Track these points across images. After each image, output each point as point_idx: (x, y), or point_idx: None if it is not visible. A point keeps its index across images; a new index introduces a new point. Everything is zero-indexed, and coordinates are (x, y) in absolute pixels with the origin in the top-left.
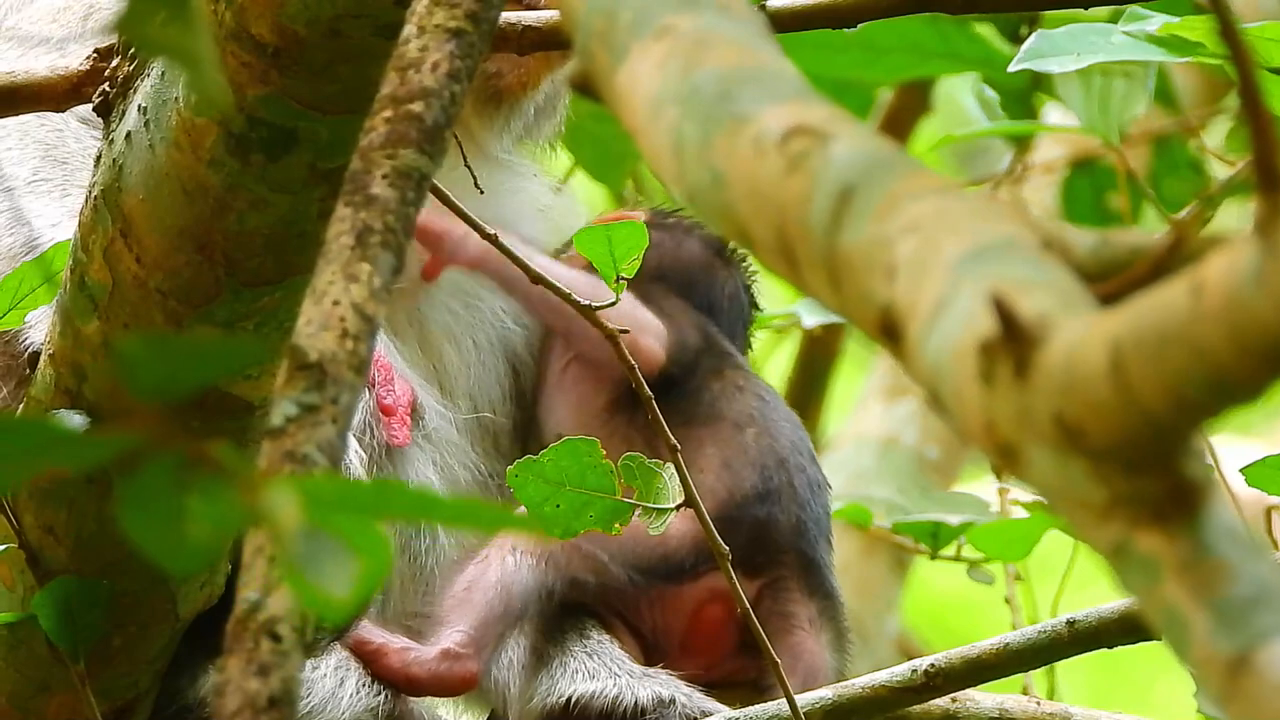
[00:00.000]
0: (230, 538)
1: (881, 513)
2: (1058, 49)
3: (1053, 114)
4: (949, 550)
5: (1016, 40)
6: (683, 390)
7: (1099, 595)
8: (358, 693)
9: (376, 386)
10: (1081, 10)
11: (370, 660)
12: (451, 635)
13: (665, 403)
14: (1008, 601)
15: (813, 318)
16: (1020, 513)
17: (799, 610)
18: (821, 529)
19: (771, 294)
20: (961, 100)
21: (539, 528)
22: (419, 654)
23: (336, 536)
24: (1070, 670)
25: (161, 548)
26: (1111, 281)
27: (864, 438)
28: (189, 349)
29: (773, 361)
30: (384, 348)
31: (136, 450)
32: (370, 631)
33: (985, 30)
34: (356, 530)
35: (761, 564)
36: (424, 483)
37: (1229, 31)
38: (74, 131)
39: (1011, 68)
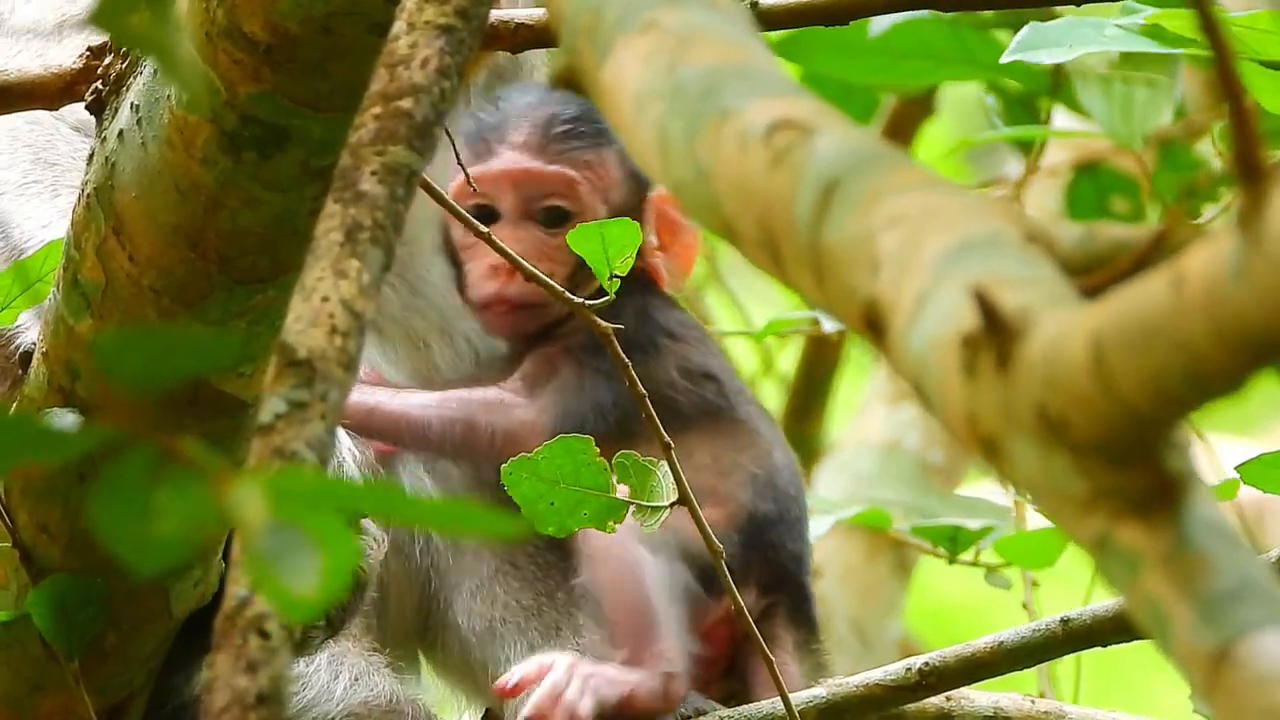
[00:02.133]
0: (200, 535)
1: (897, 516)
2: (1050, 41)
3: (1058, 118)
4: (967, 555)
5: None
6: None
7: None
8: (353, 686)
9: None
10: (1076, 6)
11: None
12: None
13: (705, 413)
14: (1025, 607)
15: (832, 321)
16: (1036, 515)
17: (784, 635)
18: (810, 562)
19: (777, 298)
20: (972, 103)
21: (512, 529)
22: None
23: (304, 533)
24: (1064, 668)
25: (129, 544)
26: (1095, 275)
27: (866, 442)
28: (169, 342)
29: (776, 366)
30: (368, 349)
31: (109, 445)
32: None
33: (1002, 36)
34: (322, 528)
35: (767, 586)
36: (415, 482)
37: (1208, 21)
38: (65, 135)
39: (1004, 59)
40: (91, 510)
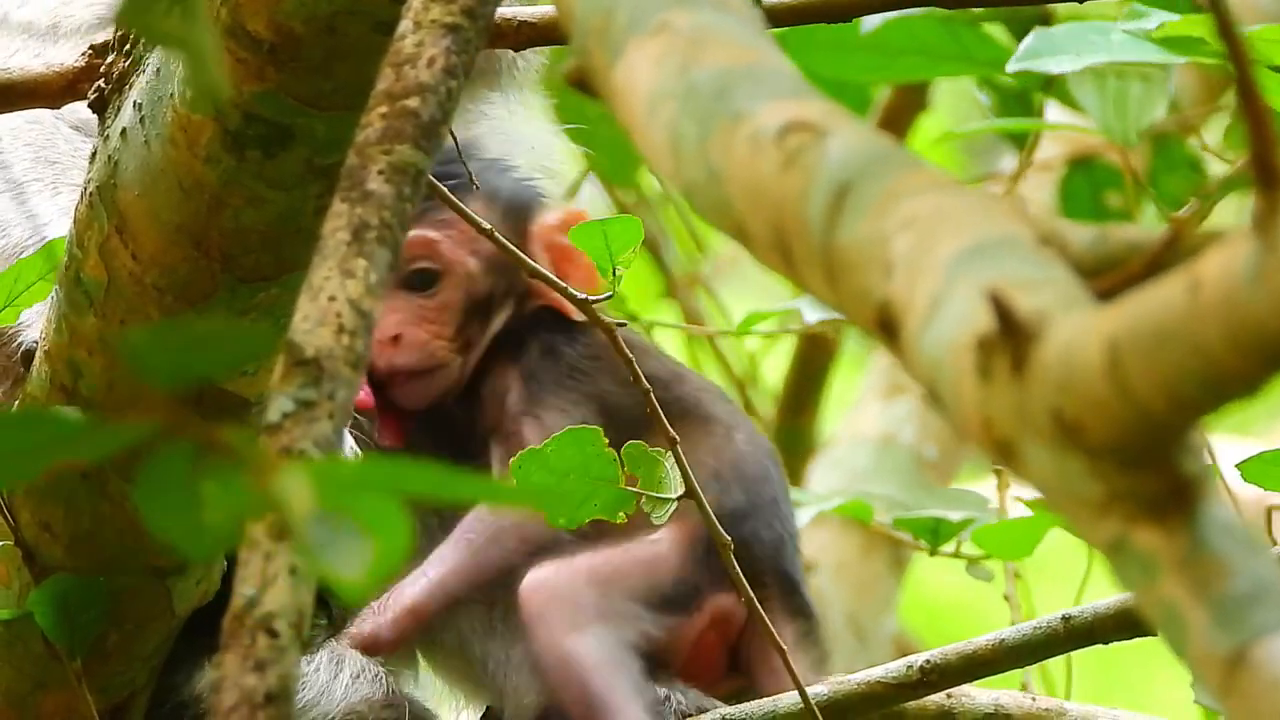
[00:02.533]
0: (247, 521)
1: (882, 509)
2: (1056, 49)
3: (1051, 112)
4: (949, 547)
5: None
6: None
7: (1096, 593)
8: (353, 684)
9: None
10: (1078, 4)
11: None
12: None
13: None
14: (1007, 599)
15: (815, 314)
16: (1019, 508)
17: (781, 629)
18: (796, 546)
19: (767, 287)
20: (966, 97)
21: (548, 505)
22: None
23: (350, 518)
24: (1060, 666)
25: (182, 534)
26: (1109, 278)
27: (861, 436)
28: (194, 338)
29: (770, 359)
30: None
31: (148, 440)
32: None
33: (996, 31)
34: (373, 510)
35: (750, 576)
36: None
37: (1225, 27)
38: (65, 135)
39: (1010, 68)
40: (138, 502)
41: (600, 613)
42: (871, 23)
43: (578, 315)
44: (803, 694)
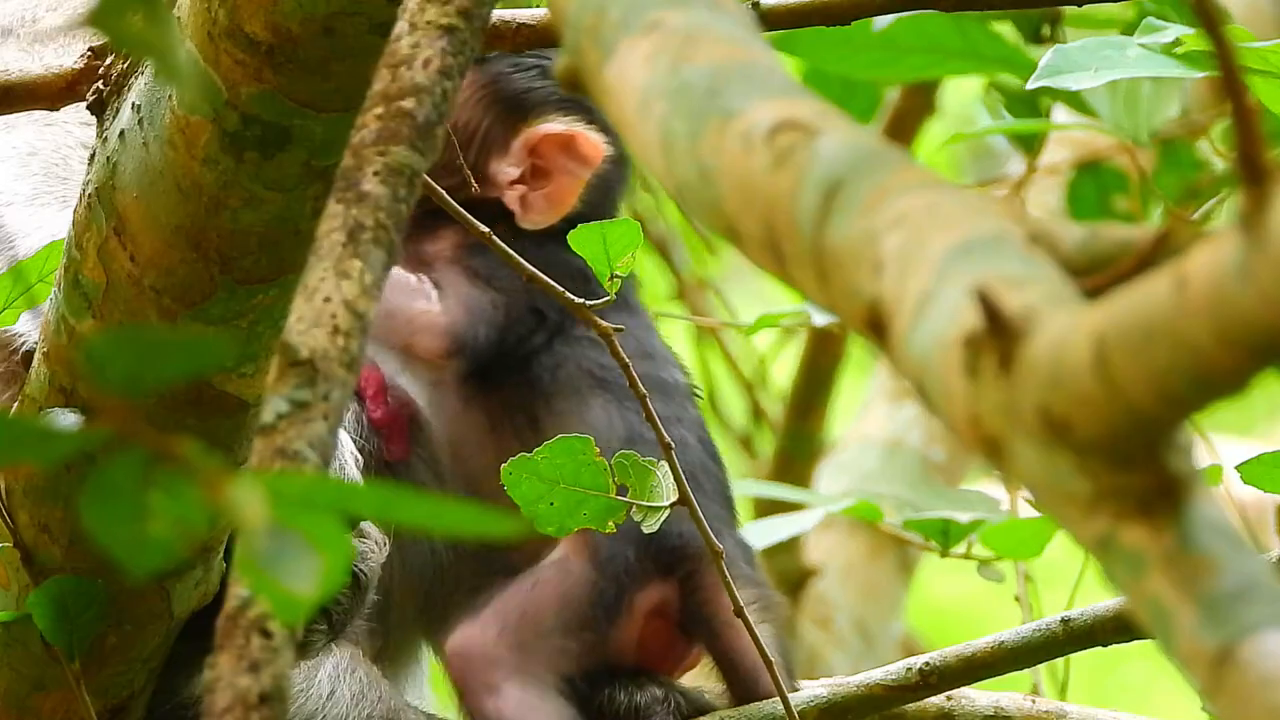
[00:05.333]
0: (194, 536)
1: (891, 510)
2: (1075, 65)
3: (1059, 115)
4: (959, 548)
5: (1037, 40)
6: (528, 360)
7: (1098, 596)
8: (352, 703)
9: (366, 400)
10: (1081, 7)
11: None
12: None
13: (517, 378)
14: (1017, 600)
15: (823, 316)
16: (1029, 508)
17: (716, 609)
18: (721, 507)
19: (776, 293)
20: (970, 100)
21: (517, 528)
22: None
23: (301, 535)
24: (1067, 668)
25: (122, 545)
26: (1098, 275)
27: (869, 439)
28: (158, 344)
29: (778, 363)
30: (381, 358)
31: (101, 446)
32: None
33: (1004, 29)
34: (317, 528)
35: (667, 563)
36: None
37: (1211, 25)
38: (80, 156)
39: (1030, 85)
40: (83, 510)
41: (515, 667)
42: (882, 22)
43: (528, 221)
44: (785, 701)
